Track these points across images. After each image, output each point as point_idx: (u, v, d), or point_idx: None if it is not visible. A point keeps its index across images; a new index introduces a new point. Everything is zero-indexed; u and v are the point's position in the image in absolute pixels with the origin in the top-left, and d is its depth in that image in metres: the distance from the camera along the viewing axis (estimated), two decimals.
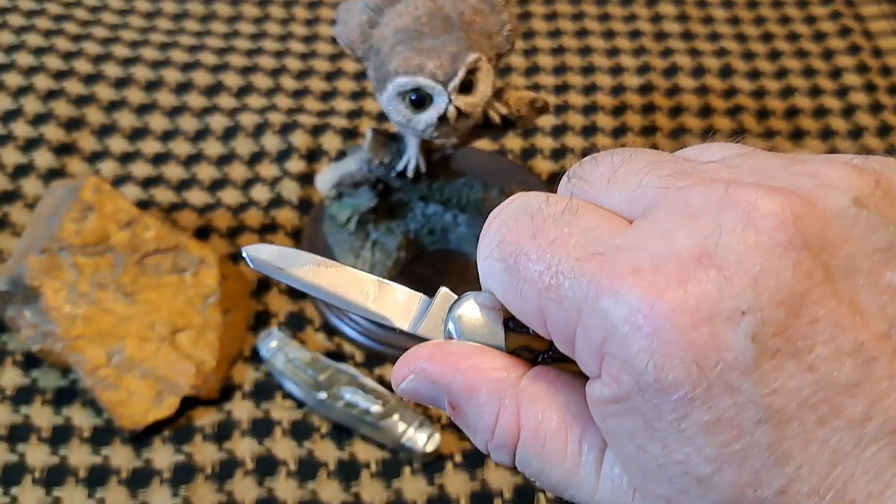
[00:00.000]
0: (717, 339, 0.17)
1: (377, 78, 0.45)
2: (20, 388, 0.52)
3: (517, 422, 0.21)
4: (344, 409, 0.50)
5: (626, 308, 0.18)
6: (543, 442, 0.21)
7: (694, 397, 0.17)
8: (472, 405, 0.22)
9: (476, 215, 0.56)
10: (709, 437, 0.17)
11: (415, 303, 0.25)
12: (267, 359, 0.53)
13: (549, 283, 0.19)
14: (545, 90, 0.75)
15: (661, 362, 0.17)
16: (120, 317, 0.52)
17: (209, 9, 0.81)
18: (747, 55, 0.79)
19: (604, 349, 0.18)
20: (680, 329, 0.17)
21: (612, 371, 0.18)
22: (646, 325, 0.17)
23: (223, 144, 0.68)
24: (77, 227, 0.52)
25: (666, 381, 0.17)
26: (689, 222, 0.18)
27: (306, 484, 0.49)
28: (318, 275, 0.25)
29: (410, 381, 0.22)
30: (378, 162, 0.52)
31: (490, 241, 0.21)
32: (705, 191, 0.18)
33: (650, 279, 0.18)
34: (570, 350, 0.19)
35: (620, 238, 0.19)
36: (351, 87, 0.74)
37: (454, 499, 0.49)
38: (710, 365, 0.17)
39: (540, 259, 0.19)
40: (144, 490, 0.48)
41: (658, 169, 0.20)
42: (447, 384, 0.22)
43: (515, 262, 0.20)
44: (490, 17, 0.46)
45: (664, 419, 0.17)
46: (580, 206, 0.20)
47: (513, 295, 0.20)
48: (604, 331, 0.18)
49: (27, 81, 0.71)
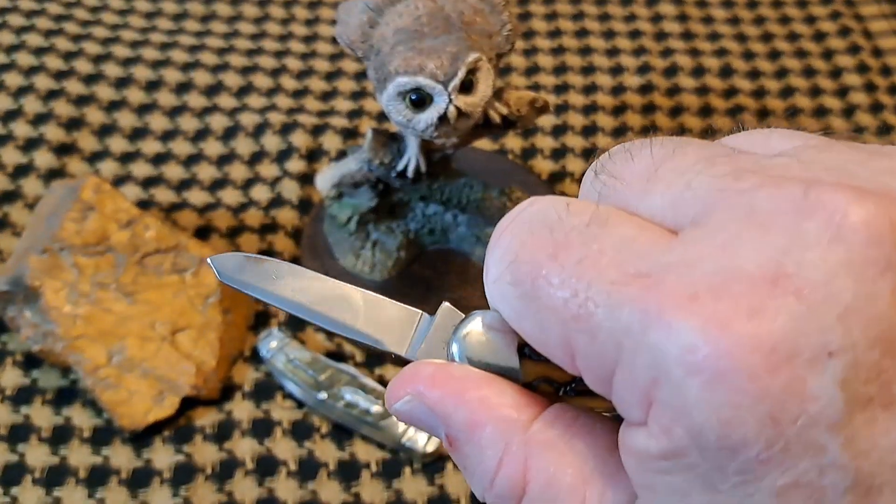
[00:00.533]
0: (799, 387, 0.14)
1: (377, 78, 0.45)
2: (20, 388, 0.52)
3: (524, 474, 0.18)
4: (344, 409, 0.50)
5: (681, 345, 0.14)
6: (556, 499, 0.18)
7: (768, 458, 0.14)
8: (472, 444, 0.18)
9: (476, 215, 0.56)
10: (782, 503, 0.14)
11: (412, 321, 0.21)
12: (267, 359, 0.53)
13: (578, 314, 0.16)
14: (545, 90, 0.75)
15: (728, 415, 0.14)
16: (120, 317, 0.52)
17: (209, 9, 0.81)
18: (747, 55, 0.79)
19: (652, 394, 0.15)
20: (752, 374, 0.14)
21: (663, 421, 0.15)
22: (707, 368, 0.14)
23: (223, 144, 0.68)
24: (77, 227, 0.52)
25: (733, 439, 0.14)
26: (757, 233, 0.15)
27: (306, 484, 0.49)
28: (295, 289, 0.21)
29: (406, 403, 0.19)
30: (378, 162, 0.52)
31: (499, 259, 0.17)
32: (777, 193, 0.15)
33: (711, 308, 0.14)
34: (606, 390, 0.16)
35: (667, 254, 0.15)
36: (351, 86, 0.74)
37: (454, 499, 0.49)
38: (788, 419, 0.14)
39: (564, 284, 0.16)
40: (144, 490, 0.48)
41: (712, 166, 0.16)
42: (446, 415, 0.19)
43: (533, 287, 0.16)
44: (490, 17, 0.46)
45: (728, 481, 0.14)
46: (611, 215, 0.17)
47: (530, 324, 0.17)
48: (652, 371, 0.15)
49: (27, 81, 0.71)
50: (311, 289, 0.21)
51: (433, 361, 0.20)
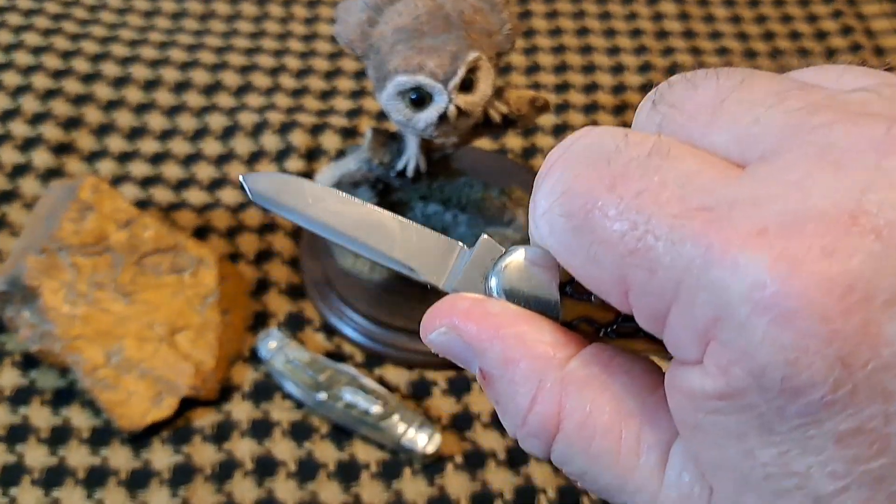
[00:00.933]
0: (872, 330, 0.13)
1: (377, 77, 0.45)
2: (19, 388, 0.52)
3: (558, 411, 0.18)
4: (344, 409, 0.50)
5: (747, 281, 0.14)
6: (592, 438, 0.17)
7: (833, 401, 0.13)
8: (506, 380, 0.18)
9: (476, 215, 0.56)
10: (841, 450, 0.14)
11: (450, 252, 0.20)
12: (266, 359, 0.53)
13: (636, 247, 0.15)
14: (545, 89, 0.74)
15: (795, 357, 0.13)
16: (119, 317, 0.52)
17: (208, 7, 0.81)
18: (749, 53, 0.79)
19: (712, 332, 0.14)
20: (823, 314, 0.13)
21: (722, 361, 0.14)
22: (776, 307, 0.13)
23: (222, 144, 0.68)
24: (75, 227, 0.52)
25: (798, 381, 0.13)
26: (834, 171, 0.14)
27: (306, 485, 0.49)
28: (331, 213, 0.21)
29: (441, 335, 0.19)
30: (378, 161, 0.52)
31: (550, 190, 0.17)
32: (856, 130, 0.14)
33: (783, 244, 0.13)
34: (657, 328, 0.16)
35: (734, 188, 0.15)
36: (350, 86, 0.74)
37: (455, 500, 0.48)
38: (859, 363, 0.13)
39: (622, 216, 0.15)
40: (143, 491, 0.48)
41: (784, 100, 0.15)
42: (481, 349, 0.18)
43: (587, 219, 0.16)
44: (490, 15, 0.46)
45: (787, 423, 0.14)
46: (672, 146, 0.16)
47: (581, 259, 0.16)
48: (714, 309, 0.14)
49: (25, 81, 0.71)
50: (347, 213, 0.20)
51: (470, 295, 0.19)
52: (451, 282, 0.20)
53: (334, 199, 0.21)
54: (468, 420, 0.52)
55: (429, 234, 0.20)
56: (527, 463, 0.50)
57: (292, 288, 0.58)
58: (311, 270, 0.58)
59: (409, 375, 0.54)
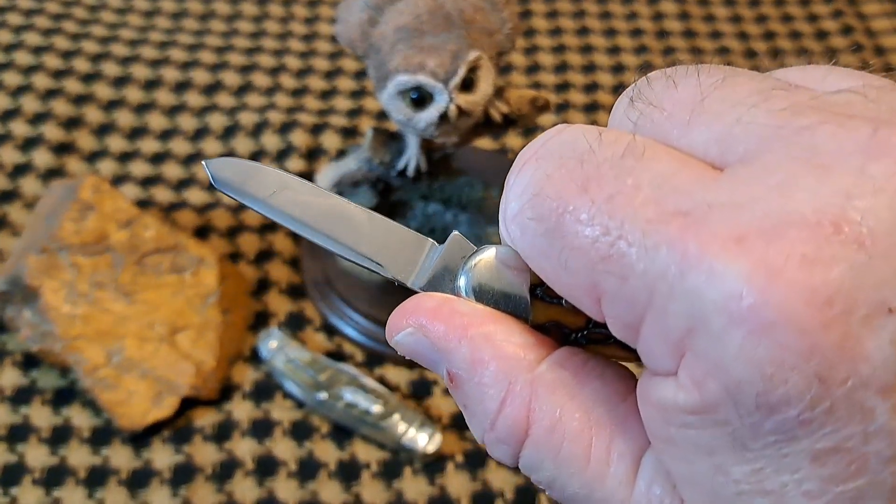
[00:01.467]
0: (852, 345, 0.12)
1: (377, 76, 0.45)
2: (19, 388, 0.52)
3: (527, 415, 0.17)
4: (344, 409, 0.50)
5: (723, 291, 0.13)
6: (561, 443, 0.17)
7: (810, 419, 0.13)
8: (474, 383, 0.17)
9: (477, 214, 0.56)
10: (817, 469, 0.13)
11: (420, 249, 0.20)
12: (267, 359, 0.53)
13: (608, 254, 0.14)
14: (546, 88, 0.74)
15: (771, 372, 0.13)
16: (119, 317, 0.52)
17: (208, 7, 0.81)
18: (749, 53, 0.79)
19: (686, 344, 0.14)
20: (802, 327, 0.12)
21: (696, 374, 0.14)
22: (752, 319, 0.13)
23: (222, 143, 0.68)
24: (76, 227, 0.52)
25: (774, 397, 0.13)
26: (817, 175, 0.13)
27: (307, 484, 0.49)
28: (295, 202, 0.20)
29: (408, 335, 0.18)
30: (378, 161, 0.52)
31: (522, 192, 0.16)
32: (841, 132, 0.13)
33: (761, 251, 0.13)
34: (631, 337, 0.15)
35: (712, 191, 0.14)
36: (351, 85, 0.74)
37: (455, 499, 0.48)
38: (837, 379, 0.13)
39: (594, 220, 0.15)
40: (144, 490, 0.48)
41: (767, 100, 0.15)
42: (448, 350, 0.18)
43: (558, 224, 0.15)
44: (491, 15, 0.46)
45: (762, 440, 0.13)
46: (648, 147, 0.15)
47: (552, 264, 0.16)
48: (689, 320, 0.13)
49: (26, 80, 0.71)
50: (314, 204, 0.20)
51: (438, 294, 0.19)
52: (419, 279, 0.19)
53: (302, 189, 0.20)
54: None
55: (398, 228, 0.20)
56: None
57: (293, 288, 0.58)
58: (312, 270, 0.58)
59: (410, 375, 0.54)
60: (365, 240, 0.20)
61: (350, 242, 0.19)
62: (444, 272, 0.19)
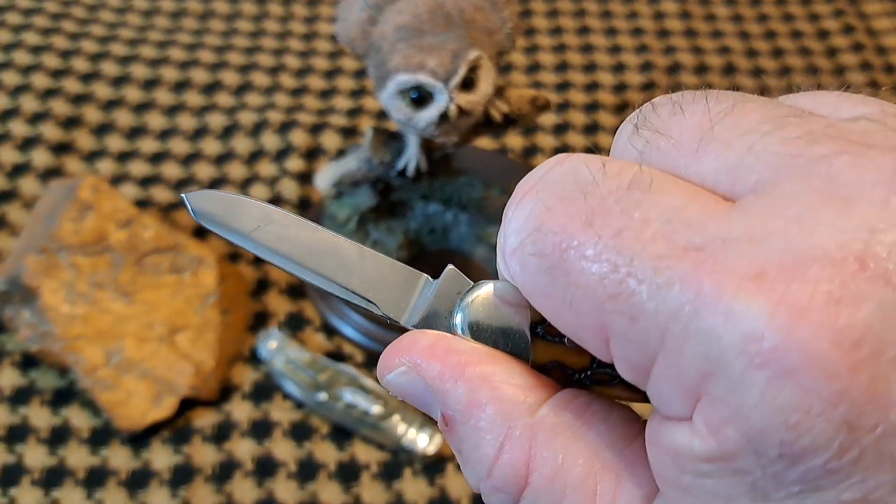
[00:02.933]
0: (882, 390, 0.12)
1: (377, 76, 0.45)
2: (18, 388, 0.52)
3: (527, 462, 0.16)
4: (344, 410, 0.50)
5: (743, 332, 0.12)
6: (563, 492, 0.16)
7: (837, 468, 0.12)
8: (470, 426, 0.16)
9: (477, 214, 0.56)
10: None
11: (414, 284, 0.19)
12: (266, 359, 0.53)
13: (616, 292, 0.14)
14: (546, 88, 0.74)
15: (796, 419, 0.12)
16: (118, 317, 0.51)
17: (207, 7, 0.81)
18: (750, 52, 0.79)
19: (702, 388, 0.13)
20: (829, 371, 0.12)
21: (713, 420, 0.13)
22: (775, 362, 0.12)
23: (222, 143, 0.68)
24: (75, 227, 0.52)
25: (799, 445, 0.12)
26: (838, 207, 0.12)
27: (306, 485, 0.49)
28: (281, 237, 0.19)
29: (400, 375, 0.17)
30: (378, 161, 0.52)
31: (521, 226, 0.15)
32: (862, 162, 0.13)
33: (782, 289, 0.12)
34: (641, 380, 0.14)
35: (726, 224, 0.13)
36: (350, 85, 0.74)
37: (455, 500, 0.48)
38: (866, 426, 0.12)
39: (601, 257, 0.14)
40: (143, 491, 0.48)
41: (781, 127, 0.14)
42: (444, 391, 0.17)
43: (562, 260, 0.14)
44: (491, 14, 0.46)
45: (784, 490, 0.12)
46: (655, 178, 0.14)
47: (555, 302, 0.15)
48: (705, 363, 0.13)
49: (25, 80, 0.71)
50: (300, 238, 0.19)
51: (433, 332, 0.18)
52: (413, 317, 0.18)
53: (287, 223, 0.19)
54: None
55: (391, 263, 0.19)
56: None
57: (292, 288, 0.58)
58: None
59: None
60: (355, 276, 0.19)
61: (340, 279, 0.19)
62: (438, 309, 0.18)
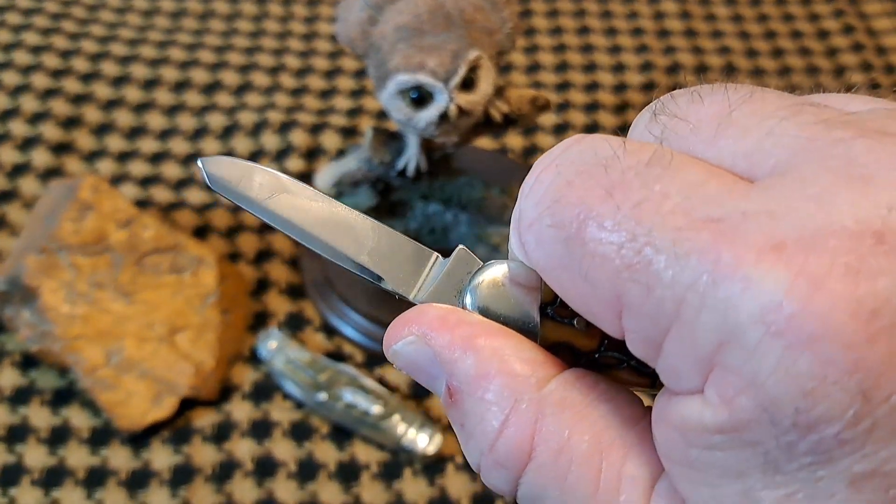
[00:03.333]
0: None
1: (377, 76, 0.45)
2: (18, 388, 0.52)
3: (532, 437, 0.16)
4: (344, 409, 0.50)
5: (761, 301, 0.12)
6: (568, 468, 0.16)
7: (849, 439, 0.12)
8: (475, 398, 0.16)
9: (477, 214, 0.56)
10: (854, 494, 0.12)
11: (424, 262, 0.19)
12: (266, 359, 0.53)
13: (634, 261, 0.14)
14: (546, 88, 0.74)
15: (812, 386, 0.12)
16: (118, 317, 0.51)
17: (207, 7, 0.81)
18: (750, 52, 0.79)
19: (716, 358, 0.13)
20: (847, 341, 0.12)
21: (726, 390, 0.13)
22: (793, 330, 0.12)
23: (222, 143, 0.68)
24: (75, 227, 0.52)
25: (813, 414, 0.12)
26: (857, 186, 0.13)
27: (306, 485, 0.49)
28: (293, 207, 0.19)
29: (407, 344, 0.17)
30: (378, 160, 0.52)
31: (540, 199, 0.15)
32: (878, 146, 0.13)
33: (801, 260, 0.12)
34: (651, 354, 0.14)
35: (745, 200, 0.13)
36: (350, 85, 0.74)
37: (455, 500, 0.48)
38: (881, 396, 0.12)
39: (620, 226, 0.14)
40: (143, 491, 0.48)
41: (798, 114, 0.14)
42: (452, 361, 0.17)
43: (580, 230, 0.14)
44: (491, 14, 0.46)
45: (796, 462, 0.13)
46: (674, 156, 0.15)
47: (570, 274, 0.15)
48: (720, 333, 0.13)
49: (25, 80, 0.71)
50: (313, 209, 0.19)
51: (443, 306, 0.18)
52: (422, 294, 0.19)
53: (301, 193, 0.19)
54: None
55: (402, 239, 0.19)
56: None
57: (292, 288, 0.58)
58: (311, 270, 0.58)
59: None
60: (365, 249, 0.19)
61: (349, 251, 0.19)
62: (448, 287, 0.18)
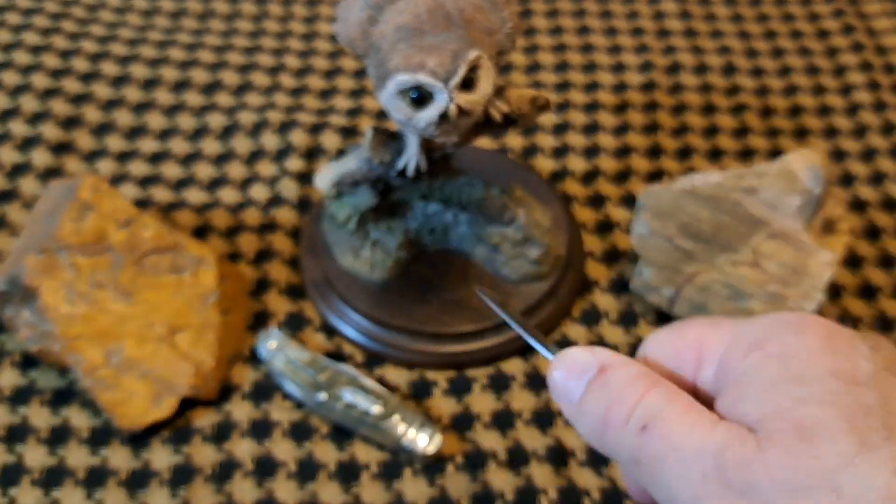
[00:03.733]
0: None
1: (377, 76, 0.45)
2: (18, 388, 0.52)
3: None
4: (344, 409, 0.50)
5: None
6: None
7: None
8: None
9: (477, 214, 0.56)
10: None
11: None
12: (266, 359, 0.53)
13: None
14: (546, 88, 0.74)
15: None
16: (118, 317, 0.51)
17: (207, 6, 0.81)
18: (750, 53, 0.79)
19: None
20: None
21: None
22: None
23: (222, 143, 0.68)
24: (75, 227, 0.52)
25: None
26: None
27: (306, 485, 0.49)
28: None
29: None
30: (378, 160, 0.52)
31: None
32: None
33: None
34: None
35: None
36: (350, 84, 0.74)
37: (455, 500, 0.48)
38: None
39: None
40: (143, 491, 0.48)
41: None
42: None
43: None
44: (491, 14, 0.46)
45: None
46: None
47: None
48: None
49: (24, 80, 0.71)
50: None
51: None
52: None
53: None
54: (469, 420, 0.52)
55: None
56: (527, 464, 0.50)
57: (292, 288, 0.58)
58: (311, 270, 0.58)
59: (410, 375, 0.54)
60: None
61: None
62: None
